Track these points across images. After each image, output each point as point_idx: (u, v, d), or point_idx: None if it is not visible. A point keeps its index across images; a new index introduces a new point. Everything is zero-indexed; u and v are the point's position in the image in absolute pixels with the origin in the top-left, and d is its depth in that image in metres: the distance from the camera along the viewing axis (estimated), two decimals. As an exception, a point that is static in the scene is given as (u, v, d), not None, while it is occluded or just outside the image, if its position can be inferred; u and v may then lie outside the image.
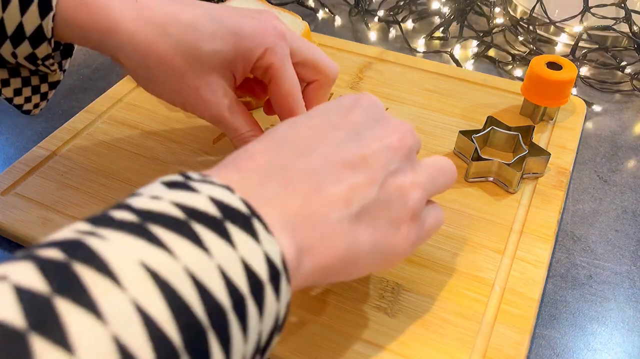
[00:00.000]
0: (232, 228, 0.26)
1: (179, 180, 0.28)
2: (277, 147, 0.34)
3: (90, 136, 0.60)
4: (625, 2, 0.70)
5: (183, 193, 0.27)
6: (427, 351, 0.41)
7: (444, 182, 0.40)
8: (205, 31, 0.44)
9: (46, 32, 0.42)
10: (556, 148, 0.57)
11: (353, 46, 0.73)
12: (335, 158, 0.34)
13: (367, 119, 0.37)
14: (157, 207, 0.26)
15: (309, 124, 0.36)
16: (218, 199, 0.27)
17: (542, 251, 0.48)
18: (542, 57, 0.58)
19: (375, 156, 0.35)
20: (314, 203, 0.32)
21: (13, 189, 0.54)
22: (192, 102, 0.46)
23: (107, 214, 0.25)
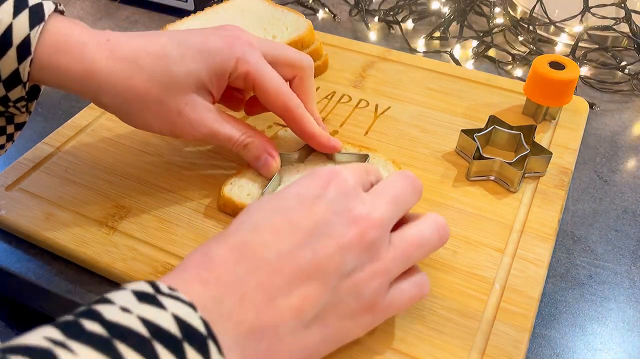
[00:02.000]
0: (189, 350, 0.28)
1: (149, 292, 0.30)
2: (236, 256, 0.34)
3: (94, 133, 0.60)
4: (625, 2, 0.70)
5: (150, 309, 0.29)
6: (427, 349, 0.42)
7: (422, 254, 0.40)
8: (174, 56, 0.46)
9: (22, 76, 0.43)
10: (558, 148, 0.58)
11: (356, 45, 0.73)
12: (290, 267, 0.34)
13: (328, 213, 0.36)
14: (126, 321, 0.27)
15: (268, 228, 0.36)
16: (181, 317, 0.29)
17: (542, 250, 0.48)
18: (545, 57, 0.58)
19: (330, 260, 0.35)
20: (265, 317, 0.33)
21: (17, 185, 0.54)
22: (179, 126, 0.47)
23: (78, 323, 0.27)
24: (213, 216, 0.51)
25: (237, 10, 0.66)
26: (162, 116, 0.47)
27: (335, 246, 0.35)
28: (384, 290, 0.38)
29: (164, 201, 0.53)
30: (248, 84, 0.48)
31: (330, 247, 0.35)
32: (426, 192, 0.53)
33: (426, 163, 0.56)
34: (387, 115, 0.62)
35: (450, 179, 0.54)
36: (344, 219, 0.36)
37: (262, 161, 0.51)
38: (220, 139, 0.49)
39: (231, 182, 0.52)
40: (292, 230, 0.35)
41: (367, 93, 0.65)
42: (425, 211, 0.51)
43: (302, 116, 0.51)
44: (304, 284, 0.34)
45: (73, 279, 0.48)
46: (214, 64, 0.46)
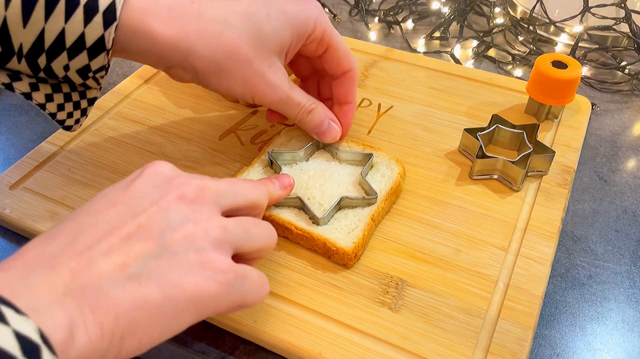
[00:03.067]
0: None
1: None
2: (46, 241, 0.33)
3: (97, 132, 0.60)
4: (625, 2, 0.70)
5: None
6: (431, 346, 0.42)
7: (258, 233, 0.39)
8: (261, 15, 0.47)
9: (107, 42, 0.42)
10: (561, 146, 0.58)
11: (358, 44, 0.73)
12: (109, 234, 0.34)
13: (145, 187, 0.37)
14: None
15: (85, 210, 0.36)
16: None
17: (546, 249, 0.48)
18: (548, 56, 0.59)
19: (151, 218, 0.35)
20: (84, 276, 0.31)
21: (21, 184, 0.54)
22: (260, 89, 0.48)
23: None
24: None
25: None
26: (247, 79, 0.47)
27: (155, 207, 0.35)
28: (225, 250, 0.36)
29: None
30: (321, 46, 0.51)
31: (150, 209, 0.35)
32: (429, 191, 0.53)
33: (429, 162, 0.56)
34: (390, 114, 0.63)
35: (453, 178, 0.55)
36: (162, 187, 0.37)
37: (325, 126, 0.53)
38: (290, 105, 0.50)
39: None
40: (109, 206, 0.35)
41: (370, 92, 0.66)
42: (430, 209, 0.51)
43: (355, 81, 0.53)
44: (127, 243, 0.33)
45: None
46: (297, 24, 0.48)
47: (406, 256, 0.48)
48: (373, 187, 0.50)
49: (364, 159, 0.53)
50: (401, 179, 0.52)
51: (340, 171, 0.53)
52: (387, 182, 0.52)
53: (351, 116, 0.55)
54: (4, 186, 0.54)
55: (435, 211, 0.52)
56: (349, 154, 0.54)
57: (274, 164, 0.53)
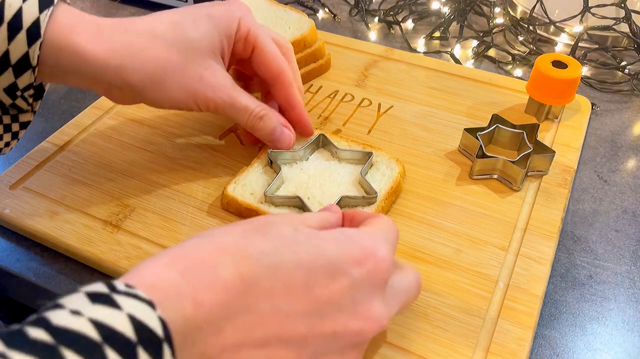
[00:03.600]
0: (142, 355, 0.26)
1: (103, 292, 0.27)
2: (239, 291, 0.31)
3: (97, 131, 0.60)
4: (625, 2, 0.70)
5: (104, 309, 0.26)
6: (431, 346, 0.42)
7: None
8: (187, 22, 0.47)
9: (32, 59, 0.42)
10: (561, 146, 0.58)
11: (358, 44, 0.73)
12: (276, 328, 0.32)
13: (347, 296, 0.34)
14: (75, 325, 0.25)
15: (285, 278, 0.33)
16: (137, 318, 0.26)
17: (546, 248, 0.48)
18: (548, 56, 0.59)
19: (318, 339, 0.33)
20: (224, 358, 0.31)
21: (21, 184, 0.54)
22: (201, 93, 0.48)
23: (23, 332, 0.24)
24: (217, 214, 0.51)
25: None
26: (185, 85, 0.47)
27: (330, 330, 0.33)
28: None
29: (168, 199, 0.53)
30: (248, 44, 0.50)
31: (326, 329, 0.33)
32: (429, 191, 0.53)
33: (429, 162, 0.56)
34: (390, 114, 0.63)
35: (453, 178, 0.55)
36: (356, 310, 0.34)
37: (279, 133, 0.52)
38: (237, 109, 0.50)
39: (235, 181, 0.52)
40: (304, 294, 0.33)
41: (370, 92, 0.66)
42: (430, 209, 0.51)
43: (292, 83, 0.53)
44: (278, 347, 0.32)
45: (73, 279, 0.48)
46: (221, 26, 0.48)
47: (406, 255, 0.48)
48: (373, 186, 0.50)
49: (363, 158, 0.53)
50: (401, 179, 0.52)
51: (340, 170, 0.53)
52: (387, 181, 0.52)
53: (304, 119, 0.54)
54: (4, 186, 0.54)
55: (435, 210, 0.52)
56: (348, 153, 0.54)
57: (273, 164, 0.53)
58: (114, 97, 0.48)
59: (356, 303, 0.34)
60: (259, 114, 0.51)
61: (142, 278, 0.30)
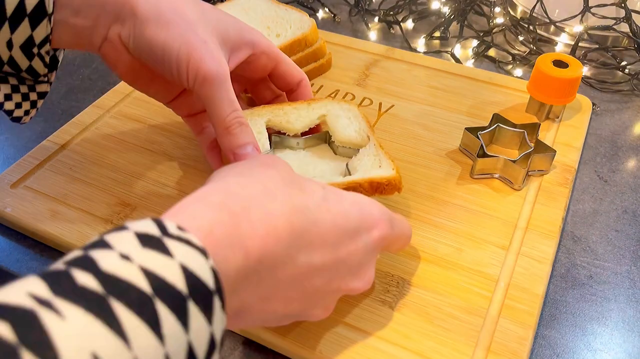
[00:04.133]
0: (193, 309, 0.26)
1: (154, 234, 0.27)
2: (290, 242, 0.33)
3: (98, 131, 0.60)
4: (626, 2, 0.70)
5: (155, 256, 0.26)
6: (432, 345, 0.42)
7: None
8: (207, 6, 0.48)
9: (47, 6, 0.41)
10: (562, 146, 0.58)
11: (359, 43, 0.73)
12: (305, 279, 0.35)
13: (358, 257, 0.38)
14: (125, 273, 0.24)
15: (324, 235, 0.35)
16: (189, 269, 0.26)
17: (546, 248, 0.48)
18: (548, 55, 0.59)
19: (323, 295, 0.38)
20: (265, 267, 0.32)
21: (23, 182, 0.54)
22: (199, 52, 0.44)
23: (70, 276, 0.24)
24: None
25: (241, 9, 0.67)
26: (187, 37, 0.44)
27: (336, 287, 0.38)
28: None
29: (169, 198, 0.53)
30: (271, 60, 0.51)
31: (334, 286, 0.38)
32: (430, 190, 0.54)
33: (430, 161, 0.57)
34: (390, 113, 0.63)
35: (454, 177, 0.55)
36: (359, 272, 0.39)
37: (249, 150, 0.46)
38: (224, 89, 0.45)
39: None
40: (332, 251, 0.36)
41: (371, 91, 0.66)
42: (430, 208, 0.52)
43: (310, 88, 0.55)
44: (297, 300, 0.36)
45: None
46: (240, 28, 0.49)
47: (407, 255, 0.48)
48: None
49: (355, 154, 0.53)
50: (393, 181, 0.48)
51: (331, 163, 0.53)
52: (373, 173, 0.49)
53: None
54: (5, 185, 0.54)
55: (436, 209, 0.52)
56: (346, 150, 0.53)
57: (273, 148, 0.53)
58: (111, 45, 0.46)
59: (361, 264, 0.38)
60: (242, 119, 0.46)
61: (194, 220, 0.30)
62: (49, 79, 0.47)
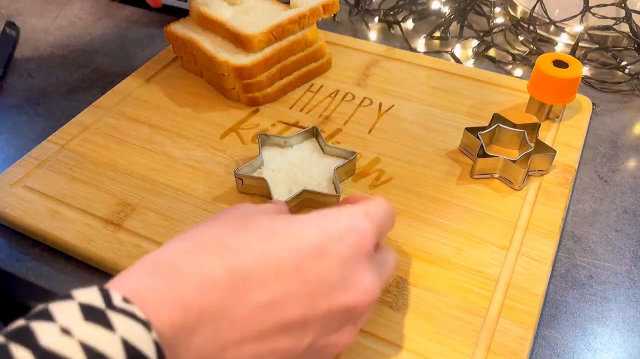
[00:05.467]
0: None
1: (98, 307, 0.26)
2: (231, 286, 0.31)
3: (98, 131, 0.60)
4: (626, 2, 0.70)
5: (97, 330, 0.25)
6: (432, 345, 0.42)
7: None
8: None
9: None
10: (562, 146, 0.58)
11: (359, 43, 0.73)
12: (275, 318, 0.32)
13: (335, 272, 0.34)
14: (64, 350, 0.24)
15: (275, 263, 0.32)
16: (130, 343, 0.26)
17: (546, 248, 0.48)
18: (548, 55, 0.59)
19: (317, 320, 0.33)
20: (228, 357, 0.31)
21: (23, 182, 0.54)
22: None
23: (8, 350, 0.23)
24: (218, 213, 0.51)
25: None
26: None
27: (326, 308, 0.33)
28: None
29: (169, 198, 0.53)
30: None
31: (322, 308, 0.33)
32: (430, 190, 0.54)
33: (430, 161, 0.57)
34: (390, 113, 0.63)
35: (454, 177, 0.55)
36: (346, 284, 0.34)
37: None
38: None
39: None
40: (296, 277, 0.33)
41: (371, 91, 0.66)
42: (430, 208, 0.52)
43: None
44: (280, 336, 0.32)
45: (73, 279, 0.48)
46: None
47: (407, 254, 0.48)
48: (340, 186, 0.51)
49: (349, 156, 0.54)
50: None
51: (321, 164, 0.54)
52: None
53: None
54: (5, 185, 0.54)
55: (436, 209, 0.52)
56: (335, 150, 0.55)
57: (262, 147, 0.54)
58: None
59: (346, 278, 0.34)
60: None
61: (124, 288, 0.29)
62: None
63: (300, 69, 0.66)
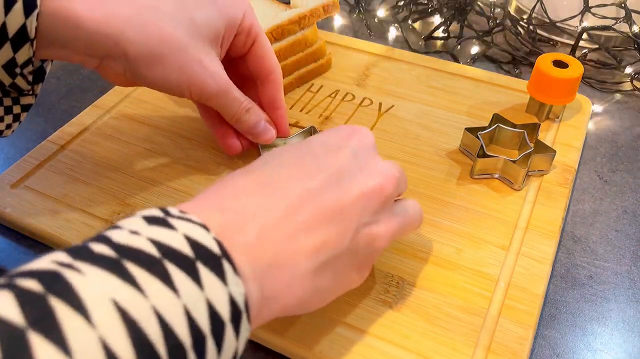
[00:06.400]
0: (202, 269, 0.27)
1: (159, 216, 0.29)
2: (262, 188, 0.34)
3: (98, 131, 0.60)
4: (626, 2, 0.71)
5: (161, 230, 0.28)
6: (431, 345, 0.42)
7: (409, 230, 0.42)
8: (191, 3, 0.46)
9: (29, 31, 0.40)
10: (562, 146, 0.58)
11: (359, 43, 0.73)
12: (313, 206, 0.34)
13: (352, 162, 0.38)
14: (135, 243, 0.27)
15: (294, 166, 0.36)
16: (193, 238, 0.28)
17: (546, 248, 0.48)
18: (548, 55, 0.59)
19: (353, 206, 0.36)
20: (285, 254, 0.33)
21: (23, 182, 0.54)
22: (199, 77, 0.46)
23: (87, 247, 0.26)
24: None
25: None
26: (183, 66, 0.45)
27: (358, 192, 0.36)
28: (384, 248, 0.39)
29: (169, 198, 0.53)
30: (249, 39, 0.50)
31: (354, 192, 0.36)
32: (430, 190, 0.54)
33: (430, 161, 0.57)
34: (390, 113, 0.63)
35: (454, 177, 0.55)
36: (366, 169, 0.38)
37: (262, 127, 0.52)
38: (231, 98, 0.49)
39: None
40: (319, 170, 0.36)
41: (371, 91, 0.66)
42: (430, 208, 0.51)
43: (281, 85, 0.53)
44: (326, 226, 0.34)
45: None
46: (226, 13, 0.48)
47: (407, 255, 0.48)
48: None
49: None
50: None
51: None
52: None
53: (285, 121, 0.55)
54: (5, 185, 0.54)
55: (436, 210, 0.52)
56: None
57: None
58: (106, 71, 0.46)
59: (362, 167, 0.38)
60: (247, 106, 0.51)
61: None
62: (34, 91, 0.47)
63: (300, 69, 0.66)
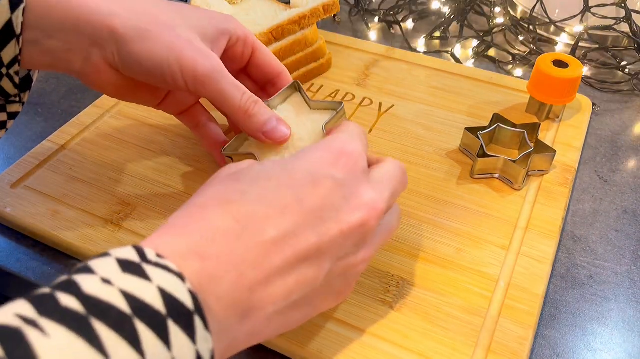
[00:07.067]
0: (173, 327, 0.26)
1: (134, 261, 0.28)
2: (240, 229, 0.32)
3: (98, 130, 0.60)
4: (626, 2, 0.70)
5: (134, 280, 0.27)
6: (432, 345, 0.42)
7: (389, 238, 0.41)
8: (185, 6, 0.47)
9: (15, 27, 0.40)
10: (562, 146, 0.58)
11: (359, 43, 0.73)
12: (291, 249, 0.33)
13: (336, 194, 0.35)
14: (105, 296, 0.25)
15: (274, 201, 0.34)
16: (167, 291, 0.27)
17: (546, 248, 0.48)
18: (549, 55, 0.59)
19: (331, 244, 0.34)
20: (259, 299, 0.32)
21: (23, 182, 0.54)
22: (189, 54, 0.43)
23: (54, 297, 0.25)
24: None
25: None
26: (171, 41, 0.43)
27: (338, 231, 0.34)
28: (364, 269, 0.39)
29: (169, 198, 0.53)
30: (247, 48, 0.50)
31: (334, 232, 0.34)
32: (430, 190, 0.54)
33: (430, 161, 0.57)
34: (391, 113, 0.63)
35: (454, 177, 0.55)
36: (350, 204, 0.35)
37: (275, 123, 0.46)
38: (227, 82, 0.45)
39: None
40: (299, 208, 0.34)
41: (371, 91, 0.66)
42: (431, 208, 0.52)
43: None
44: (301, 266, 0.33)
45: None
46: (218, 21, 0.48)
47: (407, 254, 0.48)
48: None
49: (334, 107, 0.48)
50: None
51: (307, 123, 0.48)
52: None
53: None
54: (5, 185, 0.54)
55: (436, 209, 0.52)
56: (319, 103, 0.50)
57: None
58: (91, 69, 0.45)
59: (347, 198, 0.35)
60: (254, 97, 0.46)
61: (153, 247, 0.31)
62: (21, 99, 0.46)
63: (300, 69, 0.66)
